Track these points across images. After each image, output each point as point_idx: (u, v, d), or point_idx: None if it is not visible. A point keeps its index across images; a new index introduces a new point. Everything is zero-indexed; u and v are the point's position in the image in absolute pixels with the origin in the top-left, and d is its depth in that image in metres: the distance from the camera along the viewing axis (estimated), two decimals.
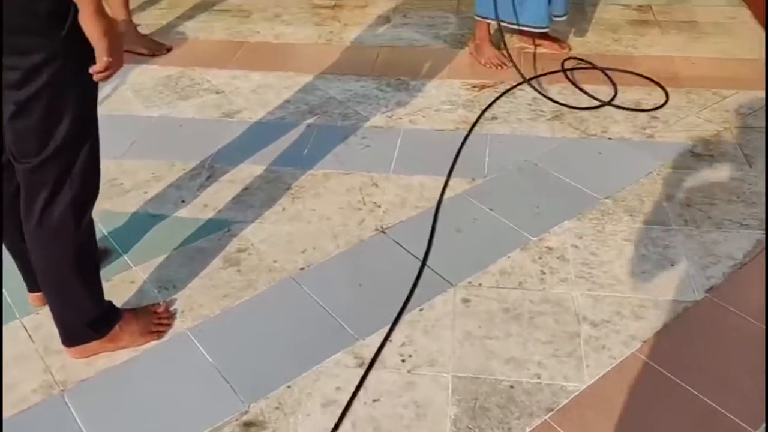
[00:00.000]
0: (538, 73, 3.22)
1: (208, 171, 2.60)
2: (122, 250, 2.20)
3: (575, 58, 3.32)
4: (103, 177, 1.68)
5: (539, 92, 3.03)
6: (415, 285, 2.03)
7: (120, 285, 2.05)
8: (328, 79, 3.23)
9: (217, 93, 3.13)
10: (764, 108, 2.89)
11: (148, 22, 3.84)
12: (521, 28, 3.22)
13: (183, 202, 2.42)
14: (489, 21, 3.24)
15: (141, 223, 2.32)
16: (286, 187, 2.50)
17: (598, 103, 2.94)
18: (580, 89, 3.06)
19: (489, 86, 3.14)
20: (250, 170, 2.59)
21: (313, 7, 4.02)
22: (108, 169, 2.50)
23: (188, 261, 2.15)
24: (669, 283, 2.03)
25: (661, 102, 2.96)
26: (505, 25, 3.18)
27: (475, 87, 3.14)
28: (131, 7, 3.47)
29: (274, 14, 3.93)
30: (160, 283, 2.07)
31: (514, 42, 3.48)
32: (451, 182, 2.51)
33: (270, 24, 3.81)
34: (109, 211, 2.35)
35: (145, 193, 2.46)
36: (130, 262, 2.14)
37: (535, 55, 3.40)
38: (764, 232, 2.22)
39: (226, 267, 2.12)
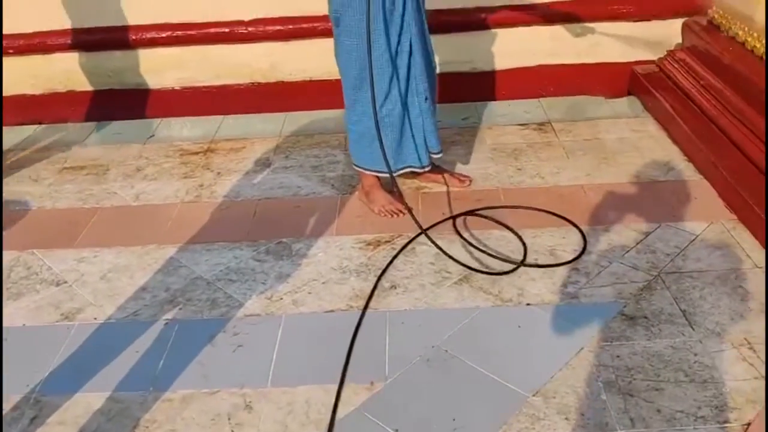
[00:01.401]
0: (440, 218, 2.83)
1: (34, 409, 2.01)
2: None
3: (475, 213, 2.94)
4: None
5: (440, 249, 2.62)
6: None
7: None
8: (195, 251, 2.72)
9: (58, 285, 2.56)
10: (684, 249, 2.57)
11: None
12: (405, 170, 2.87)
13: None
14: (368, 172, 2.86)
15: None
16: (133, 424, 1.94)
17: (508, 267, 2.53)
18: (482, 250, 2.66)
19: (385, 242, 2.71)
20: (87, 403, 2.02)
21: (182, 154, 3.54)
22: None
23: None
24: None
25: (579, 248, 2.60)
26: (385, 175, 2.80)
27: (369, 245, 2.70)
28: None
29: (135, 168, 3.43)
30: None
31: (410, 182, 3.11)
32: (344, 392, 2.01)
33: (130, 181, 3.30)
34: None
35: None
36: None
37: (435, 195, 3.02)
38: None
39: None
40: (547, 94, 3.95)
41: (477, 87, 4.00)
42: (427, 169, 2.89)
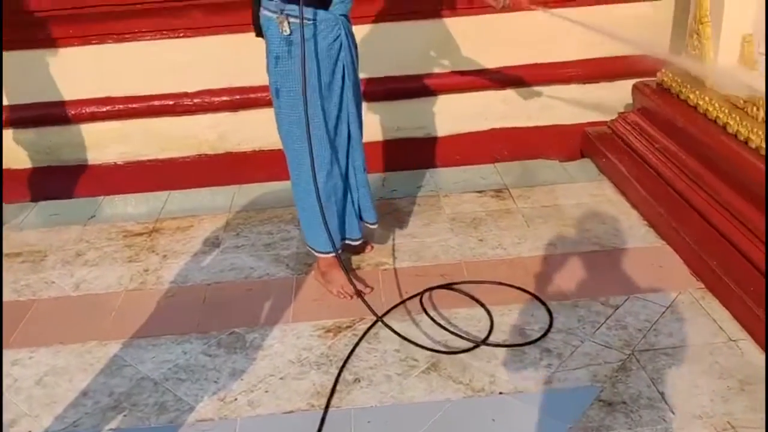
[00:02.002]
0: (403, 296, 2.70)
1: None
2: None
3: (438, 288, 2.82)
4: None
5: (402, 337, 2.48)
6: None
7: None
8: (140, 346, 2.52)
9: None
10: (655, 323, 2.49)
11: None
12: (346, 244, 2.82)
13: None
14: (320, 255, 2.74)
15: None
16: None
17: (472, 345, 2.41)
18: (445, 328, 2.54)
19: (346, 327, 2.57)
20: None
21: (125, 235, 3.35)
22: None
23: None
24: None
25: (547, 325, 2.50)
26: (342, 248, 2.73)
27: (328, 332, 2.55)
28: None
29: (75, 252, 3.21)
30: None
31: (369, 258, 2.98)
32: None
33: (69, 268, 3.08)
34: None
35: None
36: None
37: (396, 271, 2.90)
38: None
39: None
40: (501, 159, 3.91)
41: (431, 153, 3.94)
42: (360, 242, 2.85)
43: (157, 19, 3.58)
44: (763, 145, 2.61)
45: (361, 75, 2.78)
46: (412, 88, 3.83)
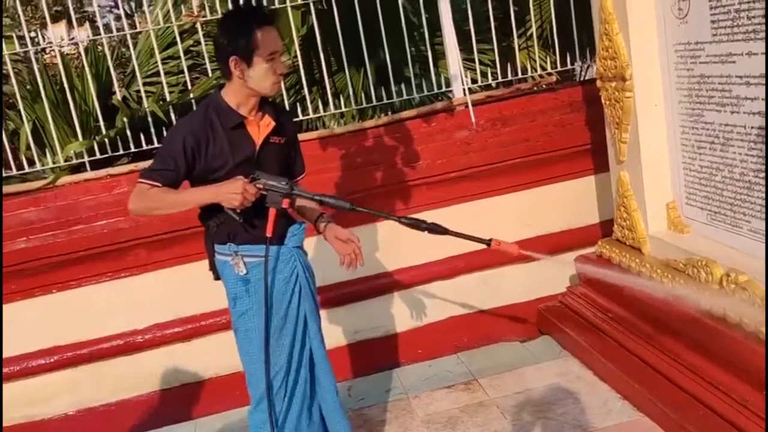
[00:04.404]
0: None
1: None
2: None
3: None
4: None
5: None
6: None
7: None
8: None
9: None
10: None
11: None
12: None
13: None
14: None
15: None
16: None
17: None
18: None
19: None
20: None
21: None
22: None
23: None
24: None
25: None
26: None
27: None
28: None
29: None
30: None
31: None
32: None
33: None
34: None
35: None
36: None
37: None
38: None
39: None
40: (463, 347, 3.90)
41: (393, 351, 3.90)
42: None
43: (102, 263, 3.59)
44: (715, 306, 2.69)
45: None
46: (364, 289, 3.87)
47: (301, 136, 3.81)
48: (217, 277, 2.50)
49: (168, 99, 4.05)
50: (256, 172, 2.29)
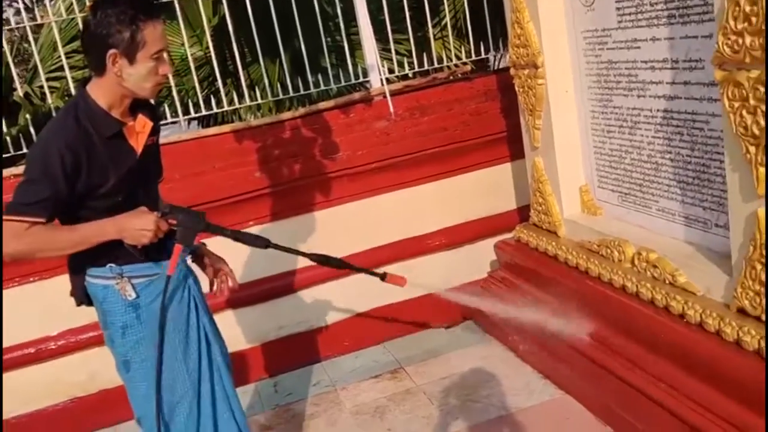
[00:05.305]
0: None
1: None
2: None
3: None
4: None
5: None
6: None
7: None
8: None
9: None
10: None
11: None
12: None
13: None
14: None
15: None
16: None
17: None
18: None
19: None
20: None
21: None
22: None
23: None
24: None
25: None
26: None
27: None
28: None
29: None
30: None
31: None
32: None
33: None
34: None
35: None
36: None
37: None
38: None
39: None
40: (389, 336, 3.91)
41: (319, 345, 3.87)
42: None
43: (8, 267, 3.37)
44: (628, 283, 2.79)
45: None
46: (286, 284, 3.83)
47: (215, 129, 3.77)
48: (86, 303, 2.20)
49: (73, 94, 3.87)
50: (166, 206, 2.07)
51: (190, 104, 3.75)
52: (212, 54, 3.84)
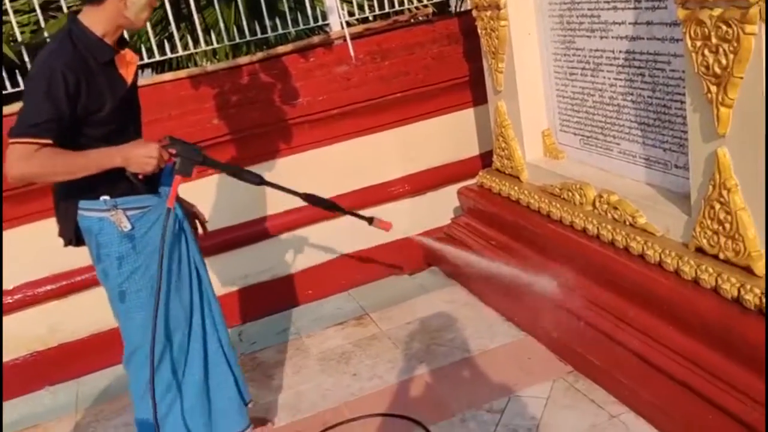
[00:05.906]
0: None
1: None
2: None
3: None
4: None
5: None
6: None
7: None
8: None
9: None
10: (541, 418, 2.54)
11: None
12: None
13: None
14: None
15: None
16: None
17: None
18: None
19: None
20: None
21: None
22: None
23: None
24: None
25: None
26: None
27: None
28: None
29: None
30: None
31: None
32: None
33: None
34: None
35: None
36: None
37: None
38: None
39: None
40: (353, 284, 3.91)
41: (284, 294, 3.86)
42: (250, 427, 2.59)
43: None
44: (589, 226, 2.82)
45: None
46: (250, 233, 3.78)
47: (171, 75, 3.65)
48: (74, 243, 2.24)
49: (20, 39, 3.70)
50: (167, 137, 2.13)
51: (143, 49, 3.61)
52: None
